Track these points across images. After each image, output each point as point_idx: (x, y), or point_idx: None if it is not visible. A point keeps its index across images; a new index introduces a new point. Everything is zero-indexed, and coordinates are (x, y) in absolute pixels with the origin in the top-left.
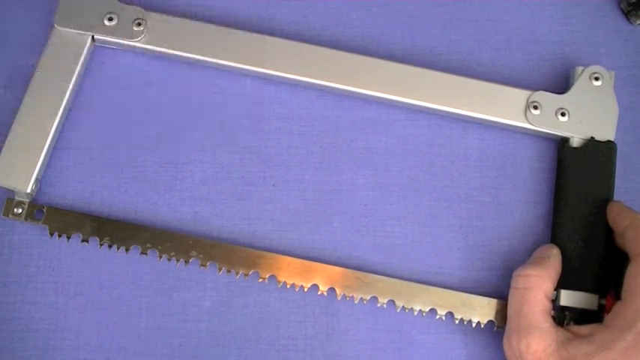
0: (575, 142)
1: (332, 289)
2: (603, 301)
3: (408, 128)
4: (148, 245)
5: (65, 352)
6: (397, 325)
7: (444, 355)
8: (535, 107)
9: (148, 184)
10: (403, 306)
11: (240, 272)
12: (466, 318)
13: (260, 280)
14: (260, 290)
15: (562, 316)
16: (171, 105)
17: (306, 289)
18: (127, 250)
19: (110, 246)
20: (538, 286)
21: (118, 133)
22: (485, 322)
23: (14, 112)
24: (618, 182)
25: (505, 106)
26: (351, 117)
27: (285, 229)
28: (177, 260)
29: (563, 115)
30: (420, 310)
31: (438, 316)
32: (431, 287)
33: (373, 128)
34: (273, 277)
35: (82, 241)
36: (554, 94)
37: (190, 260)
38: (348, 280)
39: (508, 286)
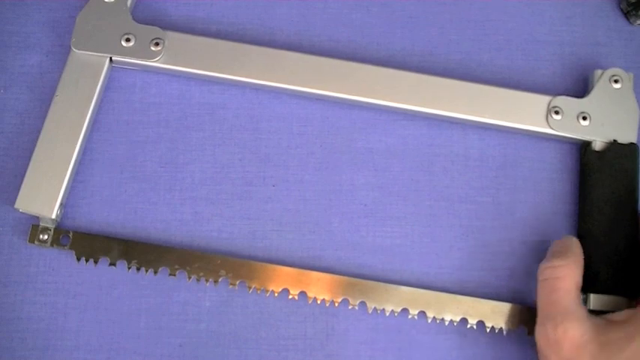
0: (598, 145)
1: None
2: (634, 304)
3: (408, 128)
4: (176, 267)
5: (65, 352)
6: (397, 326)
7: (443, 356)
8: (556, 112)
9: (148, 184)
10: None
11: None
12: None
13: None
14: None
15: None
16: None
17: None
18: (155, 272)
19: (138, 269)
20: (568, 275)
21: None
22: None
23: (16, 112)
24: None
25: (526, 113)
26: (351, 117)
27: (285, 229)
28: (207, 280)
29: (584, 119)
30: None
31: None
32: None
33: (373, 128)
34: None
35: (110, 264)
36: (575, 99)
37: (219, 280)
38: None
39: (508, 286)
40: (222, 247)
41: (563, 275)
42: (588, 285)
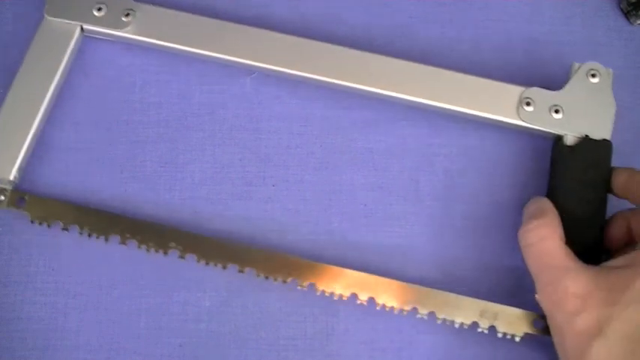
0: (569, 140)
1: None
2: None
3: (408, 128)
4: (127, 235)
5: (65, 352)
6: (397, 326)
7: (444, 356)
8: (528, 104)
9: (148, 184)
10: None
11: (220, 265)
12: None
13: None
14: (260, 290)
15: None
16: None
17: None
18: (106, 239)
19: (90, 235)
20: (550, 233)
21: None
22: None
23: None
24: None
25: (497, 103)
26: (351, 117)
27: (284, 229)
28: (156, 251)
29: (557, 112)
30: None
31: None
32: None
33: (373, 128)
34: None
35: (63, 229)
36: (548, 91)
37: (169, 252)
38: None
39: (508, 286)
40: None
41: (546, 234)
42: None
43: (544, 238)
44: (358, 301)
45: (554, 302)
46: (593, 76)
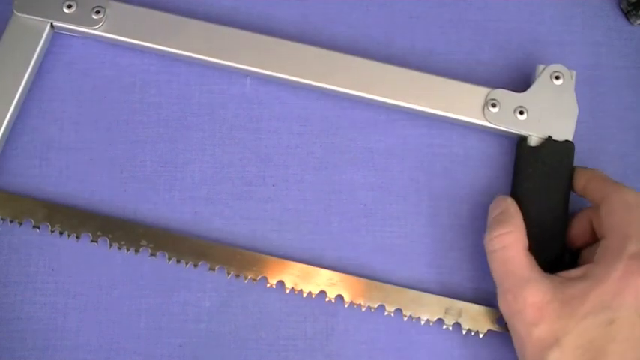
0: (533, 141)
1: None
2: None
3: (408, 128)
4: (99, 233)
5: (65, 352)
6: (397, 326)
7: (444, 356)
8: (493, 105)
9: (148, 184)
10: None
11: (190, 263)
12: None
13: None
14: (260, 290)
15: None
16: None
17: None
18: (77, 237)
19: (61, 233)
20: (514, 241)
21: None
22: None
23: None
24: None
25: (463, 104)
26: (350, 117)
27: (284, 229)
28: (128, 249)
29: (521, 113)
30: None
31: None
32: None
33: (373, 128)
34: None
35: (34, 227)
36: (513, 92)
37: (140, 249)
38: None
39: None
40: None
41: (510, 242)
42: None
43: (507, 246)
44: (327, 299)
45: (514, 312)
46: (557, 78)
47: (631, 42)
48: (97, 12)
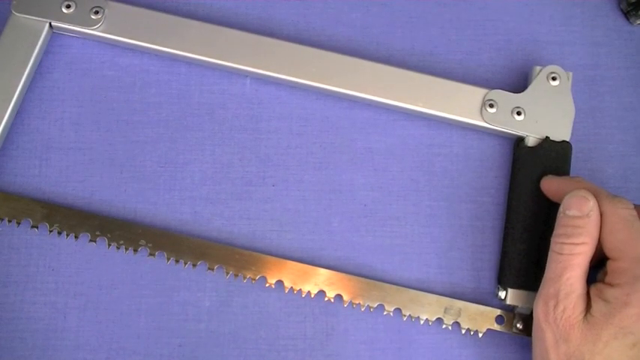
0: (531, 141)
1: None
2: None
3: (408, 128)
4: (97, 233)
5: (65, 352)
6: (396, 326)
7: (444, 356)
8: (491, 105)
9: (148, 184)
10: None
11: (190, 263)
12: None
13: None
14: (259, 290)
15: (511, 315)
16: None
17: (253, 281)
18: (76, 237)
19: (60, 232)
20: (584, 253)
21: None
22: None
23: None
24: (618, 182)
25: (461, 104)
26: (350, 117)
27: (284, 229)
28: (126, 249)
29: (519, 114)
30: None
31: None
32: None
33: (373, 128)
34: (221, 267)
35: (33, 227)
36: (510, 93)
37: (139, 249)
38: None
39: None
40: None
41: (580, 253)
42: (508, 279)
43: (575, 255)
44: (326, 298)
45: (549, 319)
46: (554, 79)
47: (631, 42)
48: (96, 12)
